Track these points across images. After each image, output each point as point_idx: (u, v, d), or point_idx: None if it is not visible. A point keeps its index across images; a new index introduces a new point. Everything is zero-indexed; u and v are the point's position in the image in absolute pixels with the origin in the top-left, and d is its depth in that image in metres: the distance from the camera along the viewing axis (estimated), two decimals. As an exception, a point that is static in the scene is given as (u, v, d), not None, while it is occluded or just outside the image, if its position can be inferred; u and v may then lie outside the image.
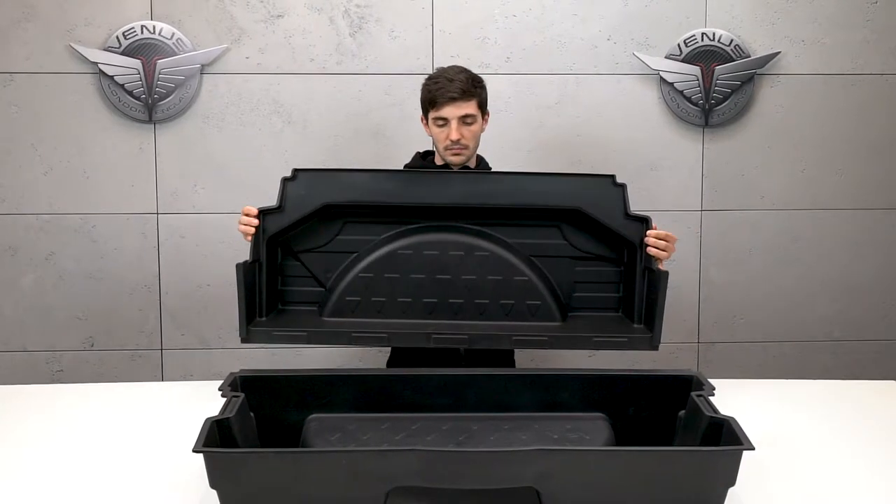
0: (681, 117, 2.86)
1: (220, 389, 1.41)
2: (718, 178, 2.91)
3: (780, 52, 2.85)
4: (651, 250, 1.68)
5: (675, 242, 1.71)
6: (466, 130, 1.99)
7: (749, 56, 2.84)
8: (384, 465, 1.15)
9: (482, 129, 2.06)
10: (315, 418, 1.51)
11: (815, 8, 2.85)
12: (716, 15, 2.84)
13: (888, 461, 1.48)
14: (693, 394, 1.45)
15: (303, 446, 1.46)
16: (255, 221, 1.71)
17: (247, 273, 1.64)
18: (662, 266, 1.72)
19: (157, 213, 2.83)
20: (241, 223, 1.74)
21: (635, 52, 2.83)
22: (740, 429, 1.26)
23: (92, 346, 2.87)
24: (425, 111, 2.04)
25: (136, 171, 2.81)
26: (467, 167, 2.06)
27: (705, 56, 2.83)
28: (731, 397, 1.67)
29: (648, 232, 1.68)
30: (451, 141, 1.98)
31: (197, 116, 2.80)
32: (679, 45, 2.83)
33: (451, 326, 1.70)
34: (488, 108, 2.08)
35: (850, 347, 3.01)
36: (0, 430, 1.57)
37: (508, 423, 1.51)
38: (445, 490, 1.17)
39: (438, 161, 2.10)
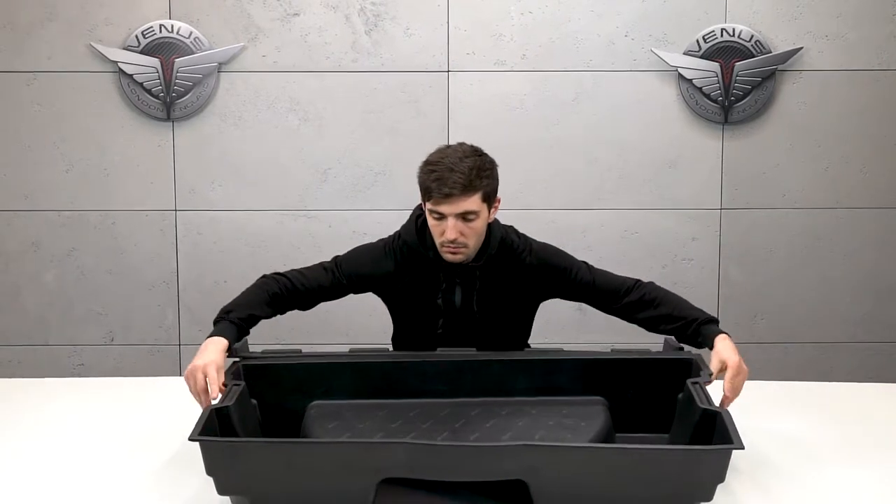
0: (700, 114, 2.95)
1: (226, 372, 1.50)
2: (739, 177, 3.00)
3: (802, 48, 2.92)
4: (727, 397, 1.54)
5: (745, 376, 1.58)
6: (466, 228, 1.72)
7: (770, 52, 2.91)
8: (373, 458, 1.26)
9: (490, 219, 1.79)
10: (315, 405, 1.59)
11: (838, 2, 2.91)
12: (736, 10, 2.92)
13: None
14: (689, 381, 1.49)
15: (303, 433, 1.54)
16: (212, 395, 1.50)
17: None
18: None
19: (176, 210, 3.00)
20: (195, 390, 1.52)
21: (653, 49, 2.93)
22: (732, 424, 1.30)
23: (112, 340, 3.05)
24: (423, 198, 1.76)
25: (154, 168, 2.98)
26: (469, 264, 1.81)
27: (725, 52, 2.91)
28: (749, 399, 1.73)
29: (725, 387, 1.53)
30: (447, 240, 1.72)
31: (214, 114, 2.96)
32: (698, 40, 2.92)
33: None
34: (498, 195, 1.80)
35: (875, 349, 3.08)
36: (23, 423, 1.71)
37: (506, 408, 1.57)
38: (436, 480, 1.27)
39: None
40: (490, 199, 1.76)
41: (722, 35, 2.91)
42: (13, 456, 1.51)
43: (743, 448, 1.25)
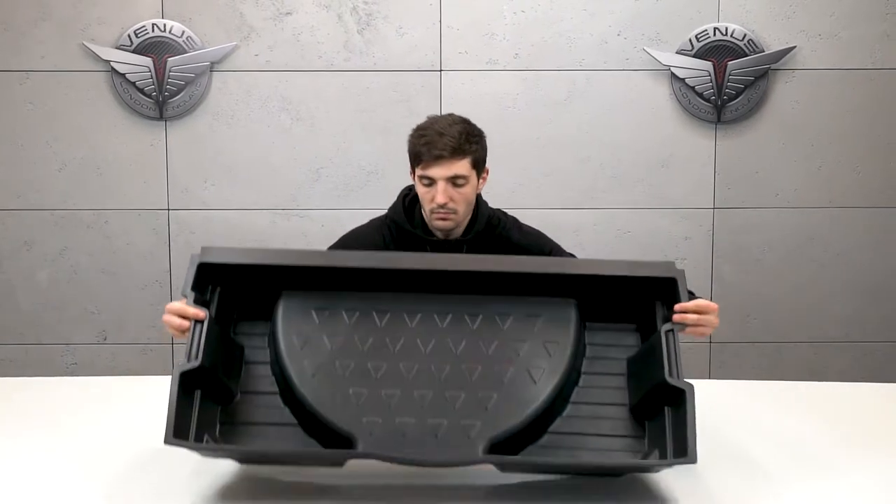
0: (692, 114, 2.98)
1: (184, 294, 1.44)
2: (731, 176, 3.03)
3: (795, 47, 2.95)
4: (690, 326, 1.47)
5: (715, 313, 1.50)
6: (456, 193, 1.77)
7: (763, 51, 2.94)
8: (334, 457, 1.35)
9: (478, 189, 1.86)
10: (286, 305, 1.50)
11: (831, 1, 2.94)
12: (728, 9, 2.94)
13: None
14: (662, 329, 1.42)
15: (271, 333, 1.49)
16: (198, 315, 1.42)
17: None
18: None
19: (169, 209, 3.04)
20: (173, 321, 1.45)
21: (645, 48, 2.96)
22: (692, 403, 1.30)
23: (105, 339, 3.08)
24: (412, 165, 1.83)
25: (147, 167, 3.02)
26: (458, 239, 1.86)
27: (718, 51, 2.94)
28: (742, 399, 1.76)
29: (676, 306, 1.45)
30: (437, 205, 1.77)
31: (207, 113, 2.99)
32: (690, 39, 2.95)
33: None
34: (486, 165, 1.88)
35: (868, 349, 3.11)
36: (15, 422, 1.74)
37: (479, 317, 1.50)
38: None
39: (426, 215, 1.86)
40: (479, 166, 1.81)
41: (715, 34, 2.94)
42: (5, 455, 1.54)
43: (694, 462, 1.26)
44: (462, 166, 1.76)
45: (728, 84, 2.95)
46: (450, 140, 1.75)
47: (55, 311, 3.06)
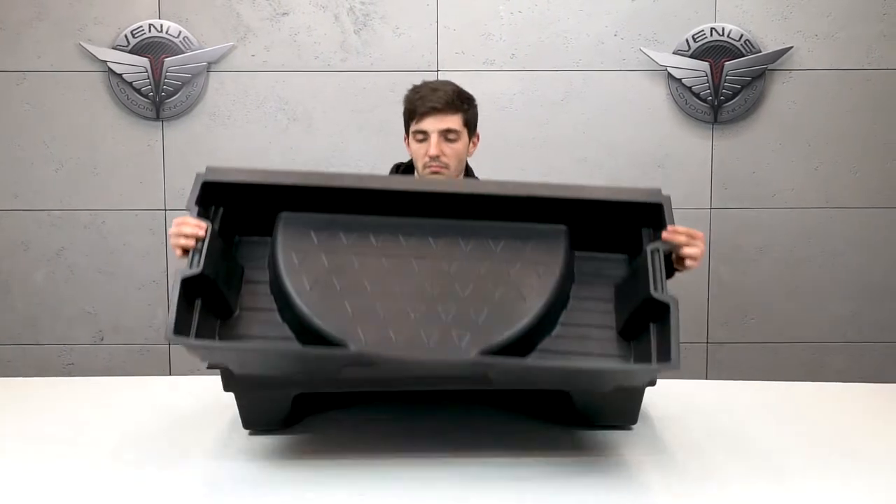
0: (689, 114, 2.99)
1: (187, 209, 1.50)
2: (728, 176, 3.04)
3: (792, 47, 2.96)
4: (680, 246, 1.51)
5: (702, 240, 1.55)
6: (448, 147, 1.88)
7: (760, 51, 2.95)
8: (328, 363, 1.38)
9: (469, 153, 1.96)
10: (285, 224, 1.55)
11: (828, 1, 2.95)
12: (725, 9, 2.96)
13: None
14: (649, 248, 1.46)
15: (271, 252, 1.54)
16: (201, 233, 1.45)
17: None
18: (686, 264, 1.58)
19: (165, 210, 3.05)
20: (180, 237, 1.47)
21: (642, 48, 2.97)
22: (677, 316, 1.35)
23: (102, 339, 3.10)
24: (407, 126, 1.94)
25: (144, 167, 3.03)
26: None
27: (714, 51, 2.96)
28: (739, 400, 1.76)
29: (669, 228, 1.49)
30: (430, 157, 1.86)
31: (204, 114, 3.00)
32: (687, 40, 2.96)
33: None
34: (477, 130, 1.98)
35: (865, 349, 3.12)
36: (13, 423, 1.75)
37: (470, 243, 1.56)
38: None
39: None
40: (470, 126, 1.92)
41: (711, 34, 2.95)
42: (2, 455, 1.55)
43: (677, 367, 1.29)
44: (454, 121, 1.88)
45: (725, 84, 2.96)
46: (443, 94, 1.87)
47: (52, 312, 3.07)
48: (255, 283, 1.56)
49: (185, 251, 1.45)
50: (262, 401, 1.57)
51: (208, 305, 1.46)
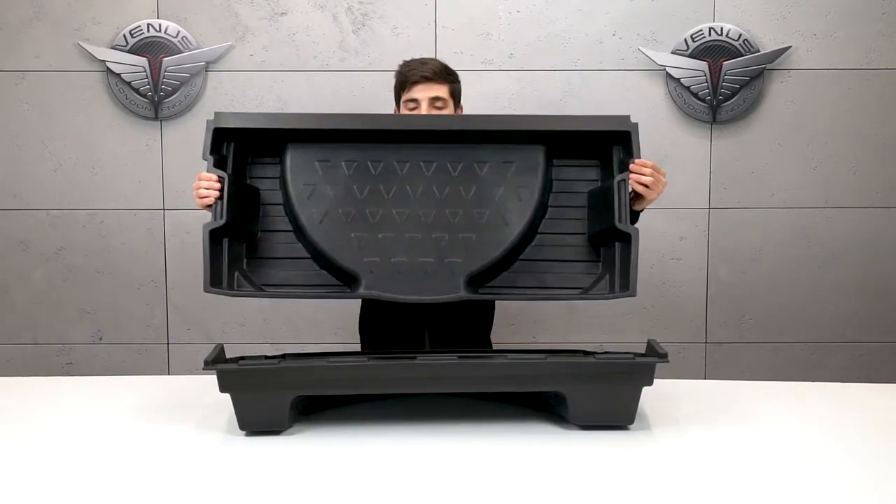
0: (688, 114, 3.01)
1: (204, 159, 1.73)
2: (727, 176, 3.05)
3: (790, 47, 2.97)
4: (633, 182, 1.76)
5: (664, 175, 1.82)
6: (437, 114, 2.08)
7: (758, 51, 2.96)
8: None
9: None
10: (292, 156, 1.80)
11: (827, 1, 2.95)
12: (724, 9, 2.97)
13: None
14: (616, 178, 1.72)
15: (282, 179, 1.80)
16: (218, 186, 1.71)
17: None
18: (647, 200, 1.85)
19: (164, 210, 3.06)
20: (202, 189, 1.73)
21: (641, 48, 2.98)
22: (636, 246, 1.65)
23: (100, 339, 3.11)
24: (398, 97, 2.16)
25: (143, 167, 3.04)
26: None
27: (713, 51, 2.97)
28: (737, 399, 1.77)
29: (636, 161, 1.76)
30: None
31: (202, 114, 3.01)
32: (686, 39, 2.97)
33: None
34: (461, 103, 2.20)
35: (864, 349, 3.13)
36: (11, 423, 1.77)
37: (458, 168, 1.80)
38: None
39: None
40: (456, 98, 2.14)
41: (710, 34, 2.96)
42: (0, 455, 1.57)
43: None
44: (442, 90, 2.09)
45: (723, 84, 2.97)
46: (432, 66, 2.11)
47: (50, 311, 3.09)
48: (271, 204, 1.81)
49: (209, 205, 1.70)
50: (259, 402, 1.58)
51: (234, 237, 1.74)
